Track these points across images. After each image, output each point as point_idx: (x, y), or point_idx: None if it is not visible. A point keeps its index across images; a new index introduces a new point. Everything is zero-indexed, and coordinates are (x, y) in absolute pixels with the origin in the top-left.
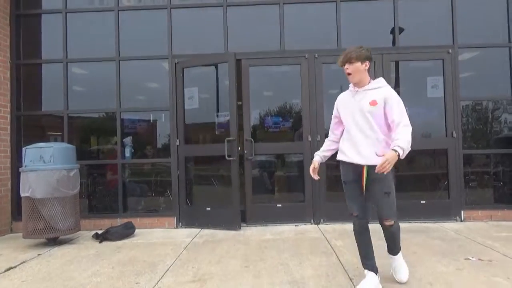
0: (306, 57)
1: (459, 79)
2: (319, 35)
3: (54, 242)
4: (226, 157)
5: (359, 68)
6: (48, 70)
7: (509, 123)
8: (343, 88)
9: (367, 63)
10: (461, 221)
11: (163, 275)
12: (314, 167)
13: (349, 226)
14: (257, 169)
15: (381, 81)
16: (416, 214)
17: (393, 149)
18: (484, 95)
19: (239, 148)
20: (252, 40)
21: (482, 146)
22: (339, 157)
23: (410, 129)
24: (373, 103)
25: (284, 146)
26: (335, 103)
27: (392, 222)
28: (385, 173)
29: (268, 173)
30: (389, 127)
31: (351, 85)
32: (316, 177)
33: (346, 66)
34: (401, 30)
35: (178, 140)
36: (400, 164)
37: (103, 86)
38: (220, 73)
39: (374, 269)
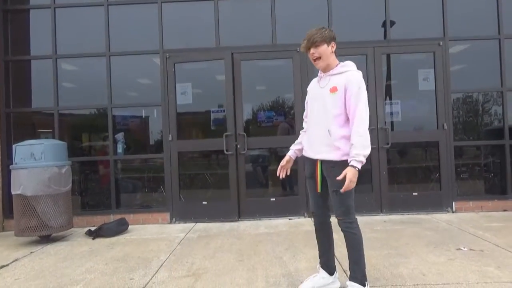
0: (298, 50)
1: (450, 72)
2: (311, 29)
3: (47, 239)
4: (225, 152)
5: (326, 51)
6: (37, 66)
7: (499, 115)
8: None
9: (333, 44)
10: (453, 212)
11: (157, 271)
12: (283, 162)
13: None
14: (250, 163)
15: (347, 64)
16: (408, 206)
17: (351, 165)
18: (475, 88)
19: (236, 143)
20: (244, 33)
21: (473, 138)
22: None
23: (365, 126)
24: (333, 89)
25: (277, 140)
26: (308, 88)
27: (340, 218)
28: (339, 177)
29: (262, 167)
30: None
31: (319, 71)
32: (282, 174)
33: (312, 50)
34: (392, 23)
35: (170, 136)
36: (392, 157)
37: (93, 82)
38: (214, 68)
39: (328, 268)
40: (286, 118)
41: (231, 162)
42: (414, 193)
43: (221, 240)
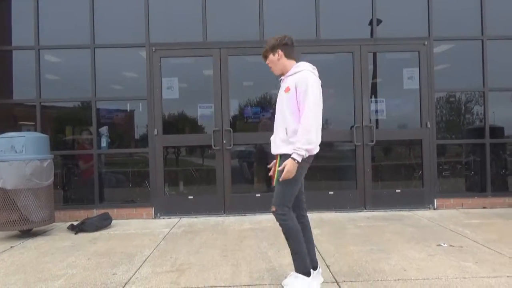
0: None
1: (434, 71)
2: (298, 26)
3: (28, 234)
4: (213, 147)
5: (273, 60)
6: (19, 57)
7: (480, 114)
8: (322, 78)
9: (279, 52)
10: (434, 209)
11: (140, 266)
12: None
13: (326, 215)
14: (236, 159)
15: (299, 65)
16: (391, 202)
17: (291, 157)
18: (458, 87)
19: (222, 138)
20: (232, 28)
21: (455, 136)
22: None
23: (310, 122)
24: (287, 89)
25: (262, 136)
26: None
27: (274, 209)
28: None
29: (247, 163)
30: None
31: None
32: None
33: (266, 62)
34: (379, 21)
35: (156, 130)
36: (377, 154)
37: (77, 74)
38: (201, 63)
39: (310, 262)
40: (272, 114)
41: (217, 157)
42: (397, 190)
43: (205, 235)
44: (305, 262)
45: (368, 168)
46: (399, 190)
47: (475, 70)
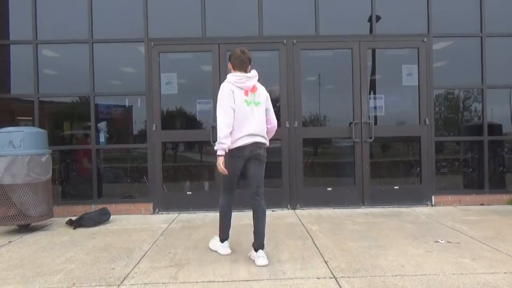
0: (285, 43)
1: (433, 68)
2: (298, 21)
3: (26, 229)
4: (211, 142)
5: None
6: (17, 51)
7: (478, 111)
8: (321, 75)
9: (229, 63)
10: (432, 205)
11: (139, 261)
12: None
13: (324, 211)
14: None
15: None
16: (389, 199)
17: None
18: (456, 84)
19: None
20: (231, 24)
21: (453, 133)
22: None
23: (219, 128)
24: None
25: None
26: None
27: None
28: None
29: None
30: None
31: None
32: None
33: None
34: (378, 18)
35: (154, 126)
36: (375, 151)
37: (75, 69)
38: (199, 59)
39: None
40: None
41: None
42: (395, 187)
43: (204, 231)
44: (221, 232)
45: (367, 164)
46: (397, 187)
47: (474, 67)
